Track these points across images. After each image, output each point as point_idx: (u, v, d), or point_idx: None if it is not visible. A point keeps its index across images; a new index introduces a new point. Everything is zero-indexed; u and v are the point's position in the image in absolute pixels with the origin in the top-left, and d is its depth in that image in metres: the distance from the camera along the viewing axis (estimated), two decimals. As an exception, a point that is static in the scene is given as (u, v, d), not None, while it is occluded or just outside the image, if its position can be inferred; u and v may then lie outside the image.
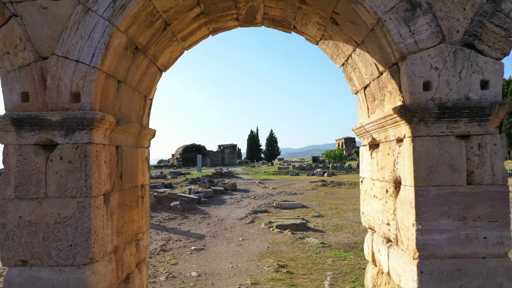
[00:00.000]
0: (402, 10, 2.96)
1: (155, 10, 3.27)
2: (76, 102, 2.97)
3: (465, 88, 2.93)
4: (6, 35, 2.98)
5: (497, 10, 2.97)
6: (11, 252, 2.92)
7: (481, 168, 2.91)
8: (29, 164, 2.93)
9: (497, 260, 2.89)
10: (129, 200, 3.79)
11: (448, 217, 2.89)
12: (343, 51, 4.04)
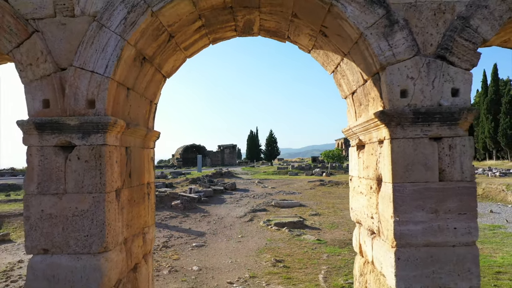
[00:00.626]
0: (382, 26, 3.33)
1: (161, 25, 3.63)
2: (91, 108, 3.34)
3: (438, 96, 3.30)
4: (29, 49, 3.35)
5: (466, 26, 3.33)
6: (34, 241, 3.28)
7: (451, 166, 3.28)
8: (50, 163, 3.30)
9: (465, 248, 3.25)
10: (137, 197, 4.16)
11: (422, 210, 3.25)
12: (333, 59, 4.41)
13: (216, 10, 3.96)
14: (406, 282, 3.23)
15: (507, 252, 8.14)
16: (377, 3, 3.33)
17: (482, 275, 6.62)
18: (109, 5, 3.35)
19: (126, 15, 3.35)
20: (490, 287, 6.13)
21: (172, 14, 3.58)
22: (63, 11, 3.38)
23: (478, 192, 18.04)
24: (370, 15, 3.33)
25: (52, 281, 3.25)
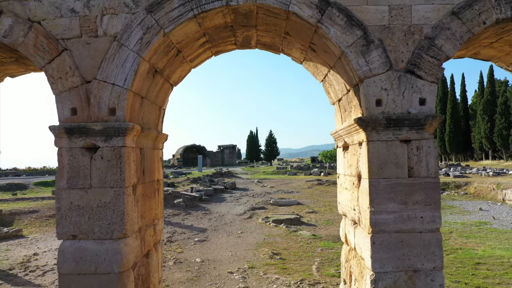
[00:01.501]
0: (360, 45, 3.91)
1: (171, 42, 4.21)
2: (112, 115, 3.91)
3: (407, 104, 3.88)
4: (59, 64, 3.92)
5: (432, 45, 3.91)
6: (64, 228, 3.86)
7: (418, 165, 3.85)
8: (77, 162, 3.88)
9: (430, 234, 3.83)
10: (149, 192, 4.73)
11: (394, 202, 3.83)
12: (321, 71, 4.99)
13: (219, 29, 4.53)
14: (380, 263, 3.80)
15: (489, 246, 8.71)
16: (355, 25, 3.91)
17: (463, 266, 7.26)
18: (127, 27, 3.93)
19: (142, 36, 3.93)
20: (468, 275, 6.69)
21: (181, 33, 4.16)
22: (88, 32, 3.96)
23: (470, 191, 18.65)
24: (350, 36, 3.91)
25: (79, 262, 3.83)
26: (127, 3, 3.97)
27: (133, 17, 3.96)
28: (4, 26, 3.94)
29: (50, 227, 11.34)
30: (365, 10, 3.96)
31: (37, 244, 9.18)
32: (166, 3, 3.93)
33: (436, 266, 3.81)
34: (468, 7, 3.93)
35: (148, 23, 3.93)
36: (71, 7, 3.97)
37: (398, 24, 3.95)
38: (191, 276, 6.86)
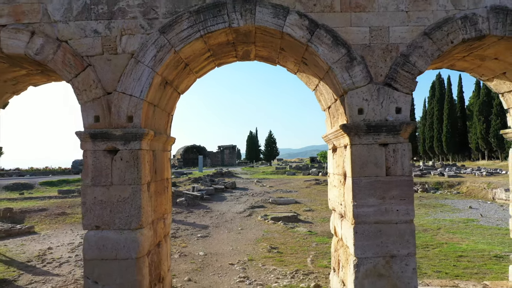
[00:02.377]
0: (344, 61, 4.52)
1: (180, 58, 4.82)
2: (130, 122, 4.51)
3: (385, 113, 4.49)
4: (84, 78, 4.53)
5: (406, 61, 4.52)
6: (89, 220, 4.46)
7: (395, 165, 4.46)
8: (100, 163, 4.48)
9: (405, 224, 4.43)
10: (160, 189, 5.33)
11: (374, 197, 4.43)
12: (313, 81, 5.60)
13: (222, 45, 5.14)
14: (361, 249, 4.41)
15: (472, 241, 9.32)
16: (341, 44, 4.52)
17: (446, 258, 7.88)
18: (143, 46, 4.54)
19: (156, 53, 4.53)
20: (450, 266, 7.30)
21: (189, 50, 4.77)
22: (109, 50, 4.57)
23: (462, 191, 19.27)
24: (336, 53, 4.52)
25: (102, 249, 4.43)
26: (142, 25, 4.58)
27: (148, 37, 4.56)
28: (36, 45, 4.55)
29: (60, 224, 11.94)
30: (349, 31, 4.57)
31: (50, 240, 9.78)
32: (177, 25, 4.54)
33: (410, 253, 4.42)
34: (438, 29, 4.54)
35: (161, 42, 4.54)
36: (94, 28, 4.57)
37: (377, 43, 4.56)
38: (195, 267, 7.46)
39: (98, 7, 4.58)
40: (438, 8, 4.58)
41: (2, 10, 4.57)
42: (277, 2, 4.55)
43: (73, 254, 8.29)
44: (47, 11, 4.59)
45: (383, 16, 4.58)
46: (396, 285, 4.39)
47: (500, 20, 4.51)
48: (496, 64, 5.39)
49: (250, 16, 4.53)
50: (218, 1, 4.55)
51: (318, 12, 4.57)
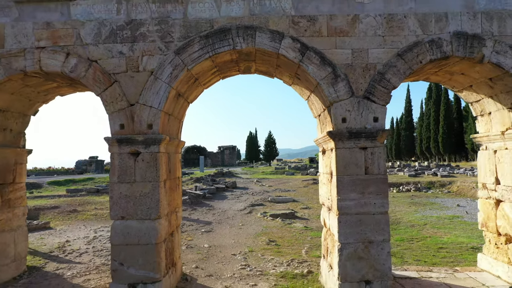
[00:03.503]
0: (330, 78, 5.37)
1: (191, 75, 5.67)
2: (150, 129, 5.36)
3: (364, 122, 5.34)
4: (111, 92, 5.38)
5: (383, 78, 5.38)
6: (116, 212, 5.30)
7: (372, 165, 5.31)
8: (125, 163, 5.32)
9: (381, 215, 5.28)
10: (173, 186, 6.18)
11: (355, 192, 5.28)
12: (305, 92, 6.45)
13: (226, 62, 5.99)
14: (344, 236, 5.25)
15: (454, 235, 10.17)
16: (327, 64, 5.37)
17: (427, 249, 8.71)
18: (161, 65, 5.39)
19: (172, 71, 5.38)
20: (430, 256, 8.14)
21: (199, 68, 5.62)
22: (132, 68, 5.42)
23: (453, 190, 20.12)
24: (323, 71, 5.37)
25: (126, 236, 5.28)
26: (160, 47, 5.43)
27: (165, 58, 5.41)
28: (71, 64, 5.40)
29: (72, 220, 12.78)
30: (334, 52, 5.42)
31: (66, 234, 10.62)
32: (189, 47, 5.39)
33: (385, 239, 5.27)
34: (409, 51, 5.39)
35: (176, 62, 5.39)
36: (119, 50, 5.43)
37: (358, 62, 5.41)
38: (201, 257, 8.31)
39: (123, 32, 5.43)
40: (409, 33, 5.44)
41: (42, 35, 5.43)
42: (273, 28, 5.41)
43: (90, 246, 9.13)
44: (80, 35, 5.44)
45: (363, 40, 5.43)
46: (373, 266, 5.24)
47: (461, 43, 5.37)
48: (463, 78, 6.25)
49: (251, 40, 5.38)
50: (224, 27, 5.41)
51: (308, 37, 5.42)
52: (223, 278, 6.80)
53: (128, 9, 5.44)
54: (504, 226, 6.14)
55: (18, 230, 6.69)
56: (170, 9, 5.45)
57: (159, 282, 5.27)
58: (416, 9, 5.44)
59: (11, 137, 6.57)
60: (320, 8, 5.44)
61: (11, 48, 5.42)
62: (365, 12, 5.44)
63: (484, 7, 5.43)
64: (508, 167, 6.01)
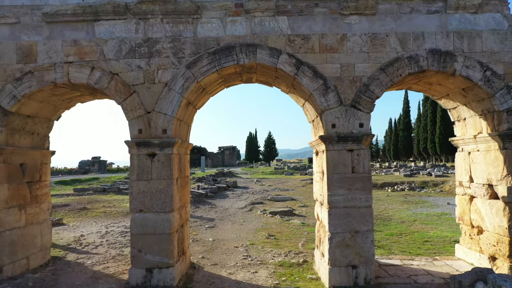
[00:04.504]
0: (321, 89, 6.16)
1: (200, 86, 6.46)
2: (164, 134, 6.15)
3: (351, 127, 6.13)
4: (131, 101, 6.17)
5: (367, 89, 6.17)
6: (135, 205, 6.09)
7: (358, 165, 6.10)
8: (143, 163, 6.11)
9: (365, 208, 6.06)
10: (183, 183, 6.97)
11: (343, 189, 6.07)
12: (301, 100, 7.24)
13: (231, 74, 6.78)
14: (333, 227, 6.04)
15: (440, 230, 10.96)
16: (319, 76, 6.16)
17: (413, 243, 9.50)
18: (174, 78, 6.18)
19: (183, 83, 6.17)
20: (415, 248, 8.92)
21: (207, 80, 6.41)
22: (149, 80, 6.21)
23: (445, 189, 20.91)
24: (315, 83, 6.16)
25: (144, 227, 6.06)
26: (173, 62, 6.22)
27: (177, 71, 6.20)
28: (95, 76, 6.19)
29: (83, 217, 13.56)
30: (325, 66, 6.22)
31: (79, 229, 11.40)
32: (199, 62, 6.18)
33: (369, 229, 6.05)
34: (390, 65, 6.19)
35: (187, 75, 6.18)
36: (138, 64, 6.22)
37: (346, 75, 6.21)
38: (206, 249, 9.10)
39: (140, 49, 6.23)
40: (390, 50, 6.23)
41: (70, 51, 6.22)
42: (272, 45, 6.21)
43: (103, 240, 9.91)
44: (103, 51, 6.23)
45: (350, 56, 6.22)
46: (359, 253, 6.03)
47: (436, 59, 6.16)
48: (441, 88, 7.04)
49: (252, 55, 6.18)
50: (229, 45, 6.21)
51: (302, 53, 6.22)
52: (227, 267, 7.58)
53: (145, 29, 6.24)
54: (477, 219, 6.94)
55: (44, 223, 7.48)
56: (182, 29, 6.25)
57: (172, 267, 6.06)
58: (396, 29, 6.24)
59: (38, 140, 7.35)
60: (313, 28, 6.24)
61: (43, 63, 6.21)
62: (352, 32, 6.24)
63: (455, 28, 6.23)
64: (480, 167, 6.80)
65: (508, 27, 6.24)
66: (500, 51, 6.20)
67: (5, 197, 6.34)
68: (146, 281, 6.01)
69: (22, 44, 6.24)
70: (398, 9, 6.25)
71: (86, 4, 6.14)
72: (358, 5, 6.13)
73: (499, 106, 6.14)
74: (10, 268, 6.41)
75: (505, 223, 6.12)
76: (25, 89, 6.19)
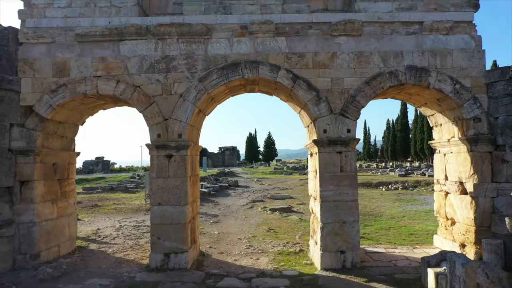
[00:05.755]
0: (315, 100, 7.17)
1: (210, 96, 7.48)
2: (179, 138, 7.16)
3: (340, 132, 7.14)
4: (151, 110, 7.18)
5: (354, 100, 7.18)
6: (154, 199, 7.10)
7: (345, 165, 7.11)
8: (161, 163, 7.12)
9: (352, 202, 7.07)
10: (194, 181, 7.98)
11: (332, 185, 7.08)
12: (297, 108, 8.26)
13: (236, 86, 7.80)
14: (325, 218, 7.05)
15: (425, 224, 11.98)
16: (313, 89, 7.18)
17: (400, 235, 10.52)
18: (188, 90, 7.19)
19: (196, 95, 7.19)
20: (400, 239, 9.93)
21: (216, 91, 7.43)
22: (166, 92, 7.22)
23: (436, 188, 21.91)
24: (309, 95, 7.18)
25: (162, 217, 7.07)
26: (187, 76, 7.24)
27: (191, 84, 7.22)
28: (120, 89, 7.20)
29: (96, 214, 14.57)
30: (318, 80, 7.23)
31: (95, 224, 12.41)
32: (209, 77, 7.20)
33: (355, 220, 7.06)
34: (374, 79, 7.20)
35: (199, 87, 7.20)
36: (157, 78, 7.23)
37: (336, 88, 7.22)
38: (213, 240, 10.11)
39: (159, 65, 7.24)
40: (374, 66, 7.25)
41: (98, 66, 7.23)
42: (272, 62, 7.22)
43: (119, 232, 10.92)
44: (127, 67, 7.25)
45: (340, 71, 7.24)
46: (346, 240, 7.04)
47: (413, 74, 7.18)
48: (419, 98, 8.06)
49: (255, 71, 7.19)
50: (235, 61, 7.22)
51: (298, 68, 7.23)
52: (232, 255, 8.60)
53: (163, 48, 7.25)
54: (450, 212, 7.96)
55: (71, 216, 8.49)
56: (195, 48, 7.27)
57: (186, 252, 7.07)
58: (379, 48, 7.26)
59: (66, 143, 8.37)
60: (308, 47, 7.26)
61: (75, 77, 7.22)
62: (341, 50, 7.25)
63: (430, 47, 7.25)
64: (453, 167, 7.82)
65: (475, 46, 7.26)
66: (468, 67, 7.22)
67: (42, 192, 7.35)
68: (164, 264, 7.02)
69: (57, 60, 7.25)
70: (381, 31, 7.27)
71: (112, 27, 7.15)
72: (346, 27, 7.15)
73: (467, 114, 7.17)
74: (45, 254, 7.42)
75: (472, 215, 7.14)
76: (60, 99, 7.20)
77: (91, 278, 6.65)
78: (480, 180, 7.06)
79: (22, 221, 7.10)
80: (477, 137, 7.06)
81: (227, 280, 6.48)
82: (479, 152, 7.10)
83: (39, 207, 7.26)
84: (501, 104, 6.97)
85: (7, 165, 7.00)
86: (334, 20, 7.19)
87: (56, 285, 6.28)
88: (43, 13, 7.25)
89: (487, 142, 7.03)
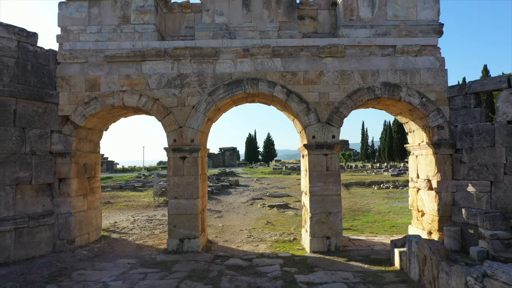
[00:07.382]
0: (305, 111, 8.59)
1: (217, 107, 8.89)
2: (192, 142, 8.57)
3: (326, 138, 8.55)
4: (168, 119, 8.59)
5: (338, 111, 8.60)
6: (171, 194, 8.50)
7: (331, 165, 8.52)
8: (177, 164, 8.52)
9: (336, 196, 8.47)
10: (204, 179, 9.39)
11: (320, 182, 8.48)
12: (291, 117, 9.68)
13: (239, 98, 9.21)
14: (313, 209, 8.45)
15: (407, 218, 13.37)
16: (303, 102, 8.59)
17: (382, 227, 11.93)
18: (199, 102, 8.61)
19: (206, 106, 8.60)
20: (382, 231, 11.34)
21: (222, 103, 8.84)
22: (180, 104, 8.63)
23: (425, 187, 23.31)
24: (301, 106, 8.59)
25: (177, 209, 8.47)
26: (199, 91, 8.65)
27: (201, 97, 8.63)
28: (142, 101, 8.61)
29: (109, 210, 15.96)
30: (308, 94, 8.64)
31: (111, 218, 13.81)
32: (217, 91, 8.61)
33: (338, 211, 8.47)
34: (354, 93, 8.61)
35: (208, 100, 8.61)
36: (173, 93, 8.64)
37: (323, 101, 8.64)
38: (218, 231, 11.52)
39: (175, 81, 8.65)
40: (354, 82, 8.66)
41: (123, 82, 8.64)
42: (270, 79, 8.63)
43: (134, 225, 12.32)
44: (148, 83, 8.66)
45: (326, 86, 8.65)
46: (331, 228, 8.44)
47: (387, 89, 8.60)
48: (395, 108, 9.48)
49: (256, 86, 8.61)
50: (239, 78, 8.64)
51: (291, 84, 8.65)
52: (235, 242, 10.01)
53: (178, 67, 8.67)
54: (421, 205, 9.37)
55: (97, 209, 9.90)
56: (205, 67, 8.68)
57: (197, 238, 8.48)
58: (359, 67, 8.68)
59: (93, 146, 9.77)
60: (299, 66, 8.67)
61: (104, 91, 8.63)
62: (327, 69, 8.67)
63: (401, 66, 8.67)
64: (423, 166, 9.24)
65: (439, 66, 8.67)
66: (433, 84, 8.63)
67: (76, 188, 8.75)
68: (179, 248, 8.43)
69: (89, 77, 8.66)
70: (360, 53, 8.69)
71: (136, 49, 8.57)
72: (331, 50, 8.57)
73: (432, 123, 8.58)
74: (79, 240, 8.82)
75: (436, 207, 8.56)
76: (92, 110, 8.61)
77: (119, 258, 8.05)
78: (443, 177, 8.47)
79: (60, 212, 8.50)
80: (440, 142, 8.48)
81: (232, 260, 7.88)
82: (442, 155, 8.51)
83: (74, 200, 8.66)
84: (459, 114, 8.39)
85: (48, 165, 8.40)
86: (321, 44, 8.60)
87: (93, 263, 7.68)
88: (77, 38, 8.66)
89: (448, 146, 8.45)
